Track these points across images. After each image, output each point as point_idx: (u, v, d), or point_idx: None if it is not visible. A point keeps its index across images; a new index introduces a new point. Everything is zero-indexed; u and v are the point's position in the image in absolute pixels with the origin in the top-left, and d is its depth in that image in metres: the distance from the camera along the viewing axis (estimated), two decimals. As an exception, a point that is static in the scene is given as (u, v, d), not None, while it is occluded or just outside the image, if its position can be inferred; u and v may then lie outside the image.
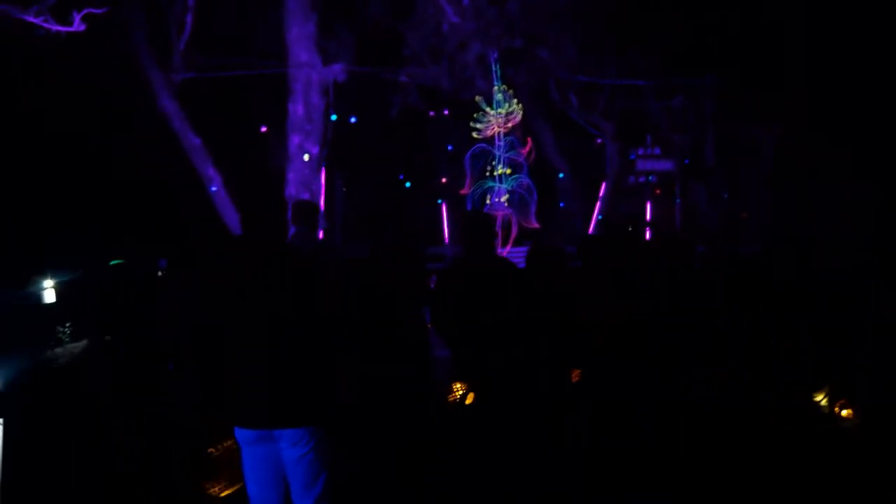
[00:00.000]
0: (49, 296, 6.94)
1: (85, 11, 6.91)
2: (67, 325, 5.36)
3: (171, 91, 9.46)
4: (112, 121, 9.16)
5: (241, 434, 3.68)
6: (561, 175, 14.34)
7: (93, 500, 4.14)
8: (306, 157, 9.30)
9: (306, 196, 9.24)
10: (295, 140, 9.48)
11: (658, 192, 14.68)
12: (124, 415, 4.34)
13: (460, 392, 4.84)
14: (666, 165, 14.70)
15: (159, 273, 6.23)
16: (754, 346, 4.96)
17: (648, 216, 14.52)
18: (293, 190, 9.44)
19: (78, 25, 6.90)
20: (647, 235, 12.37)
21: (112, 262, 5.86)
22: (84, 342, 4.79)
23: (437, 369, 5.51)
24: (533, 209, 11.23)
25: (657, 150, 14.61)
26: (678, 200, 14.93)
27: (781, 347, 4.92)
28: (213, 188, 9.62)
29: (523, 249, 9.88)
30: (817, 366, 4.84)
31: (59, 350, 5.09)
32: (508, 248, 10.08)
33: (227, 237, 6.47)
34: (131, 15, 9.01)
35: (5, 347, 4.98)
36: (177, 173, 9.40)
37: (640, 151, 14.54)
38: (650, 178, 14.54)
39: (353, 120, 10.62)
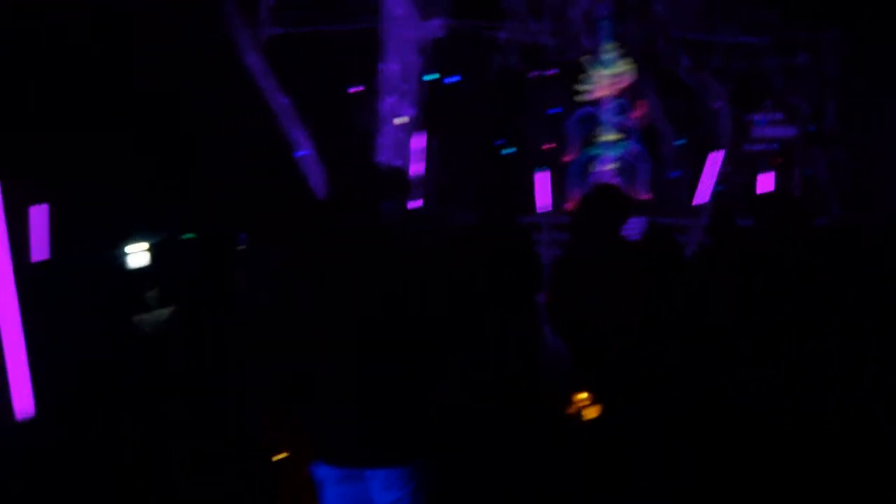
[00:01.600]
0: (136, 260, 6.65)
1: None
2: (154, 289, 5.18)
3: (257, 47, 8.84)
4: (196, 77, 8.64)
5: (321, 471, 2.94)
6: (679, 142, 13.34)
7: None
8: (400, 120, 8.61)
9: (399, 163, 8.56)
10: (388, 102, 8.80)
11: (780, 160, 13.55)
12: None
13: (583, 404, 4.09)
14: (787, 132, 13.57)
15: (239, 248, 5.66)
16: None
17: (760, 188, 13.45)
18: (385, 156, 8.77)
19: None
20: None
21: (185, 236, 5.49)
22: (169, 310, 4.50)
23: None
24: (644, 179, 10.42)
25: (778, 116, 13.48)
26: (797, 171, 13.79)
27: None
28: (302, 153, 8.98)
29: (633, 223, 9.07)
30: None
31: (145, 316, 4.91)
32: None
33: (314, 210, 5.86)
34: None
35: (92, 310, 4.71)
36: (263, 136, 8.78)
37: (759, 117, 13.43)
38: (771, 145, 13.43)
39: (452, 80, 9.88)
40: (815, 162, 13.85)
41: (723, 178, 13.56)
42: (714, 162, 13.68)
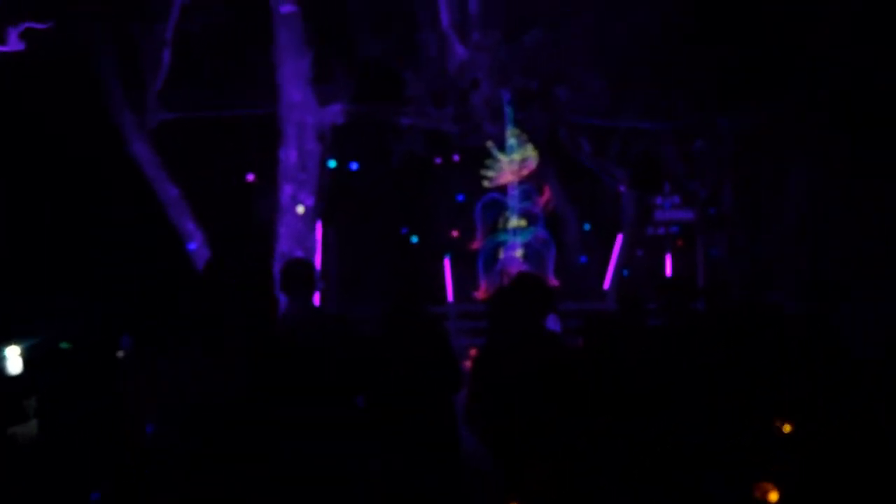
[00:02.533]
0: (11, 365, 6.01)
1: (23, 27, 5.78)
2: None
3: (144, 134, 8.31)
4: (76, 168, 8.01)
5: None
6: (585, 227, 13.31)
7: None
8: (300, 210, 8.16)
9: (300, 254, 8.08)
10: (287, 190, 8.36)
11: (680, 243, 13.63)
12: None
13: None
14: (686, 215, 13.68)
15: (120, 354, 5.08)
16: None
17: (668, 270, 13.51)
18: (285, 247, 8.29)
19: (15, 44, 5.77)
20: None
21: (62, 345, 5.03)
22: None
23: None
24: (551, 264, 10.23)
25: (676, 199, 13.58)
26: (699, 253, 13.93)
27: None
28: (192, 246, 8.41)
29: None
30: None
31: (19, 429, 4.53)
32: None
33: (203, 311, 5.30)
34: (98, 47, 7.92)
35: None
36: (150, 229, 8.19)
37: (659, 200, 13.50)
38: (671, 228, 13.48)
39: (352, 167, 9.53)
40: (715, 244, 14.03)
41: (627, 262, 13.61)
42: (617, 245, 13.74)
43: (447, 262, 10.14)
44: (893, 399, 4.15)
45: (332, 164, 8.84)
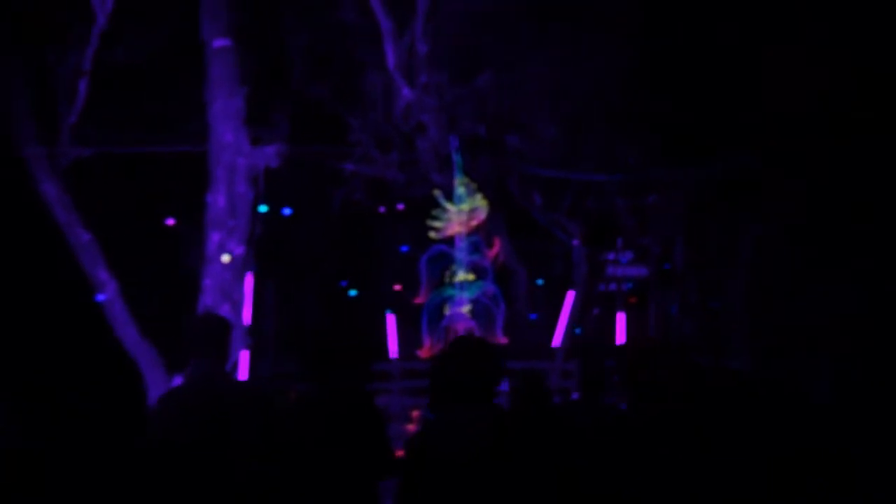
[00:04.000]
0: None
1: None
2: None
3: (54, 172, 7.51)
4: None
5: None
6: (537, 282, 12.79)
7: None
8: (226, 259, 7.42)
9: (226, 307, 7.33)
10: (214, 238, 7.61)
11: (633, 300, 13.19)
12: None
13: None
14: (639, 271, 13.29)
15: None
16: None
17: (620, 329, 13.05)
18: (210, 299, 7.52)
19: None
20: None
21: None
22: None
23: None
24: (500, 321, 9.65)
25: (629, 255, 13.19)
26: (652, 310, 13.51)
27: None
28: (102, 297, 7.56)
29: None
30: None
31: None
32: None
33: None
34: (5, 73, 7.16)
35: None
36: (57, 276, 7.34)
37: (611, 256, 13.09)
38: (623, 285, 13.04)
39: (285, 213, 8.83)
40: (668, 301, 13.64)
41: (579, 319, 13.11)
42: (568, 302, 13.24)
43: (390, 318, 9.49)
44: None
45: (264, 208, 8.15)
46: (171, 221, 8.29)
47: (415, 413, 8.95)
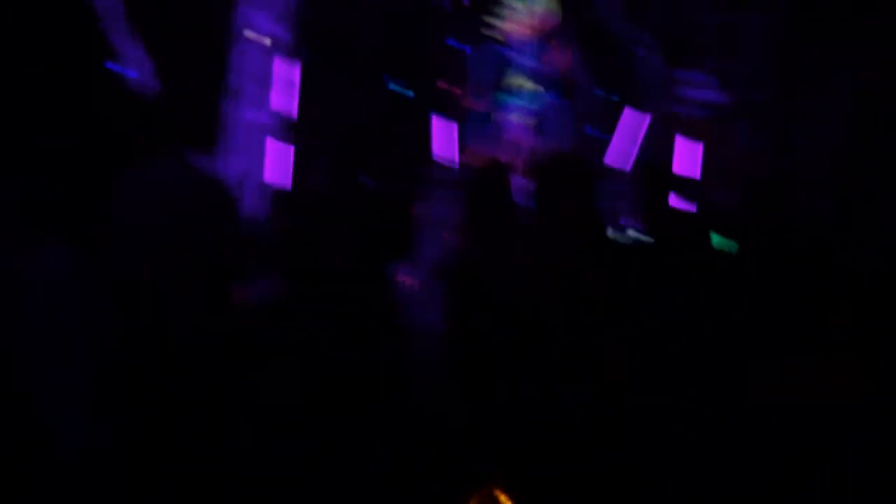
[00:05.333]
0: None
1: None
2: None
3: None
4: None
5: None
6: (607, 97, 12.10)
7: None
8: (255, 37, 6.81)
9: (252, 91, 6.79)
10: (244, 12, 6.98)
11: (709, 129, 12.44)
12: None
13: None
14: (719, 97, 12.42)
15: None
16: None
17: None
18: (237, 82, 6.98)
19: None
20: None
21: None
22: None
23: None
24: (561, 137, 9.17)
25: (712, 78, 12.32)
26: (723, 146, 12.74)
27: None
28: (133, 74, 6.99)
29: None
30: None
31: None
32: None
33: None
34: None
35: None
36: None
37: (692, 77, 12.25)
38: (700, 110, 12.25)
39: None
40: (740, 137, 12.86)
41: (647, 144, 12.41)
42: (637, 122, 12.49)
43: (439, 121, 8.92)
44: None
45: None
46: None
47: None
